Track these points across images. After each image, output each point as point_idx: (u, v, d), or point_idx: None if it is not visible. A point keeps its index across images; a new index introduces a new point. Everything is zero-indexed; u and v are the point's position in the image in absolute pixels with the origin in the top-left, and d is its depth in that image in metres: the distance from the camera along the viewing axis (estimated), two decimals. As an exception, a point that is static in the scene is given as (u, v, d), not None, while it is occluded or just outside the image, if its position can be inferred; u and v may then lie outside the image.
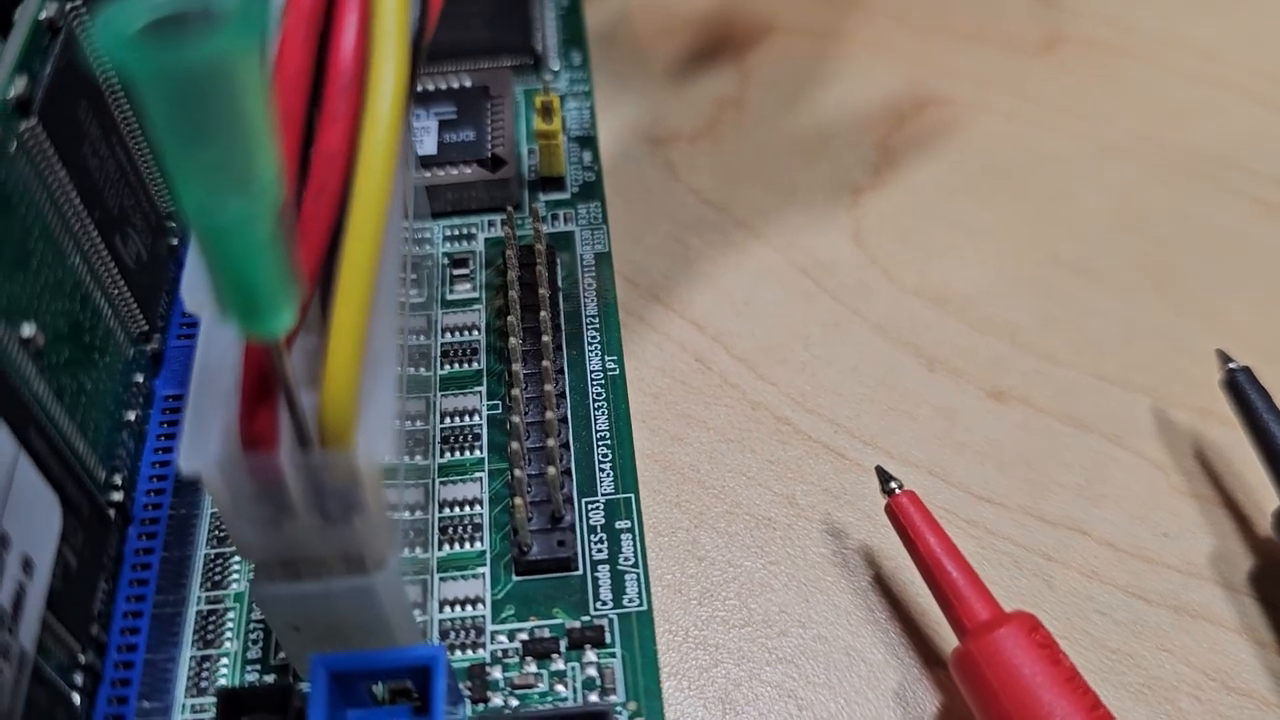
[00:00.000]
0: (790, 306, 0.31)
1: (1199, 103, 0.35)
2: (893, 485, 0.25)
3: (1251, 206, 0.33)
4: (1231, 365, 0.26)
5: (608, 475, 0.27)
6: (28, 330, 0.21)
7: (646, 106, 0.35)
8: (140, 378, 0.26)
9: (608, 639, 0.24)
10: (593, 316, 0.29)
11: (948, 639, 0.25)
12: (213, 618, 0.25)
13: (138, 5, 0.14)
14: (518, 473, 0.25)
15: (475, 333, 0.29)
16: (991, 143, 0.34)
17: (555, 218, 0.31)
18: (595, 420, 0.27)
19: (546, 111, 0.30)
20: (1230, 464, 0.27)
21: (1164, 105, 0.35)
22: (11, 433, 0.20)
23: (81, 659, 0.22)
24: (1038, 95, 0.36)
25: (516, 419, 0.26)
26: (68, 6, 0.24)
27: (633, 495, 0.26)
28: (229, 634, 0.25)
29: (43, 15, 0.23)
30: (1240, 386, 0.26)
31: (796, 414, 0.29)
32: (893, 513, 0.25)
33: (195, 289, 0.22)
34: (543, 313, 0.27)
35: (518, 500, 0.24)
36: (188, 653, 0.24)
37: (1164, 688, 0.25)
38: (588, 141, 0.33)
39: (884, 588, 0.26)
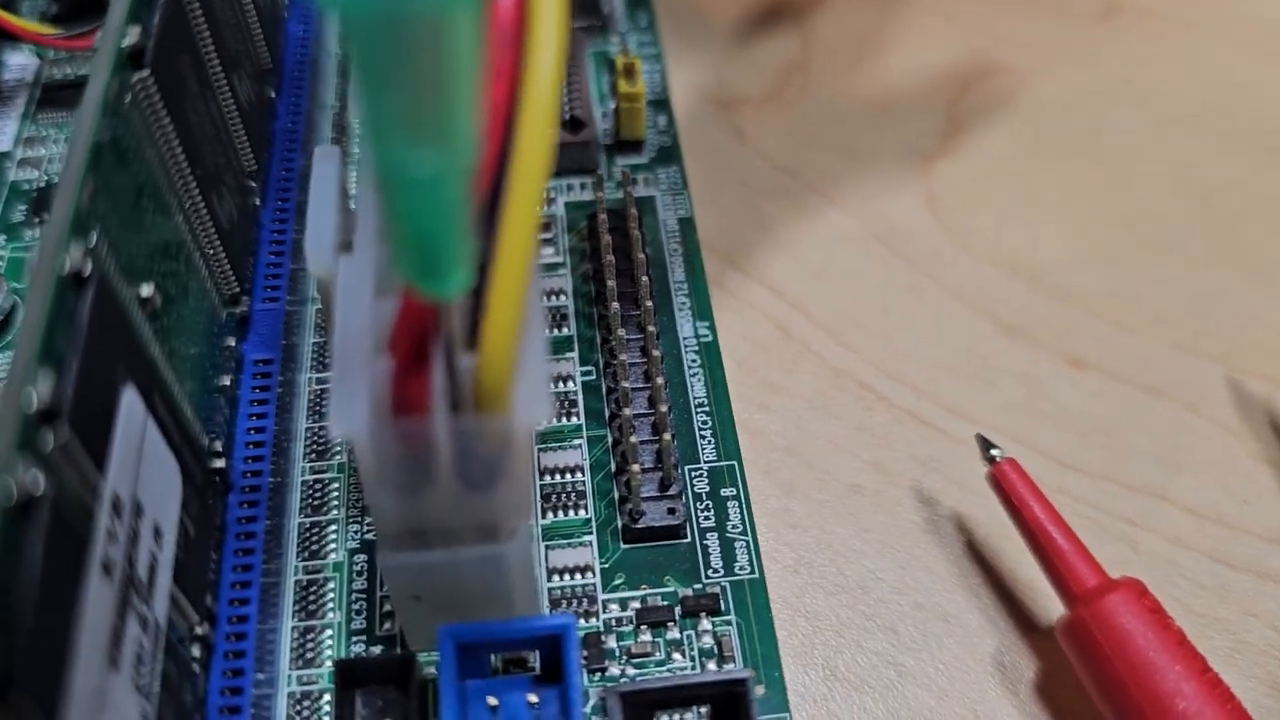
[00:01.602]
0: (867, 273, 0.31)
1: (1259, 73, 0.35)
2: (994, 453, 0.25)
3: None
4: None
5: (709, 442, 0.26)
6: (146, 290, 0.21)
7: (713, 70, 0.35)
8: (232, 341, 0.26)
9: (722, 607, 0.24)
10: (680, 282, 0.29)
11: (1044, 606, 0.25)
12: (313, 588, 0.24)
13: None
14: (632, 439, 0.24)
15: (563, 297, 0.28)
16: (1055, 111, 0.34)
17: (634, 182, 0.30)
18: (692, 387, 0.27)
19: (629, 73, 0.30)
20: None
21: (1225, 76, 0.35)
22: (141, 396, 0.19)
23: (199, 630, 0.22)
24: (1099, 64, 0.35)
25: (626, 385, 0.25)
26: (171, -45, 0.23)
27: (735, 462, 0.26)
28: (330, 605, 0.24)
29: (148, -36, 0.22)
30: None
31: (879, 380, 0.29)
32: (996, 480, 0.24)
33: (320, 251, 0.21)
34: (642, 277, 0.27)
35: (634, 467, 0.24)
36: (289, 624, 0.24)
37: (1253, 651, 0.25)
38: (661, 105, 0.32)
39: (977, 554, 0.26)
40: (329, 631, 0.24)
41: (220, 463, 0.24)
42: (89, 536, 0.17)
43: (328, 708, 0.23)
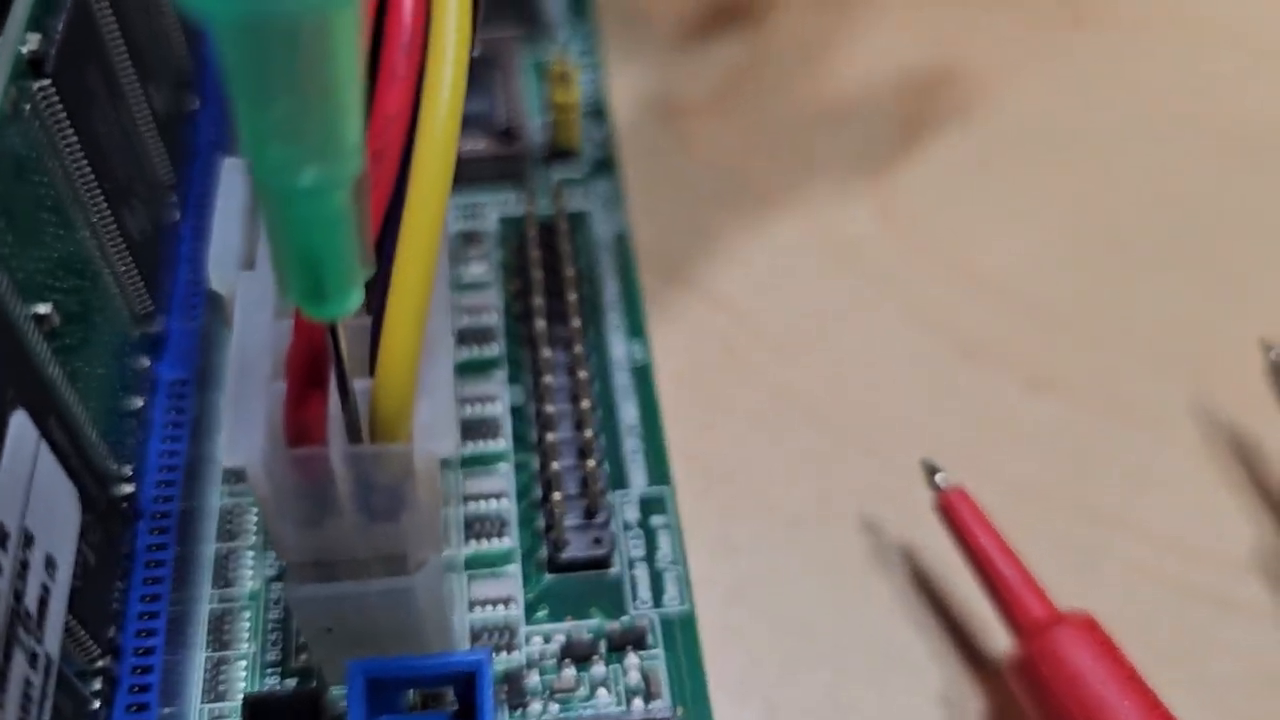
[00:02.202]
0: (817, 287, 0.30)
1: (1225, 83, 0.34)
2: (939, 479, 0.24)
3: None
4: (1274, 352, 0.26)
5: (639, 468, 0.25)
6: (42, 308, 0.20)
7: (657, 77, 0.34)
8: (146, 361, 0.25)
9: (649, 640, 0.23)
10: (613, 300, 0.28)
11: (993, 640, 0.24)
12: (227, 618, 0.23)
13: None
14: (555, 466, 0.24)
15: (493, 315, 0.27)
16: (1015, 120, 0.33)
17: (565, 195, 0.29)
18: (623, 410, 0.26)
19: (563, 81, 0.29)
20: (1270, 452, 0.27)
21: (1190, 85, 0.34)
22: (33, 421, 0.19)
23: (100, 664, 0.21)
24: (1061, 73, 0.34)
25: (551, 408, 0.24)
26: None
27: (666, 488, 0.25)
28: (245, 635, 0.23)
29: (52, -32, 0.21)
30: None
31: (825, 402, 0.28)
32: (941, 509, 0.24)
33: (223, 266, 0.21)
34: (570, 295, 0.26)
35: (556, 495, 0.23)
36: (202, 655, 0.23)
37: (1214, 682, 0.24)
38: (599, 114, 0.31)
39: (924, 586, 0.25)
40: (242, 663, 0.23)
41: (129, 488, 0.23)
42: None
43: (237, 748, 0.22)
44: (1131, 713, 0.21)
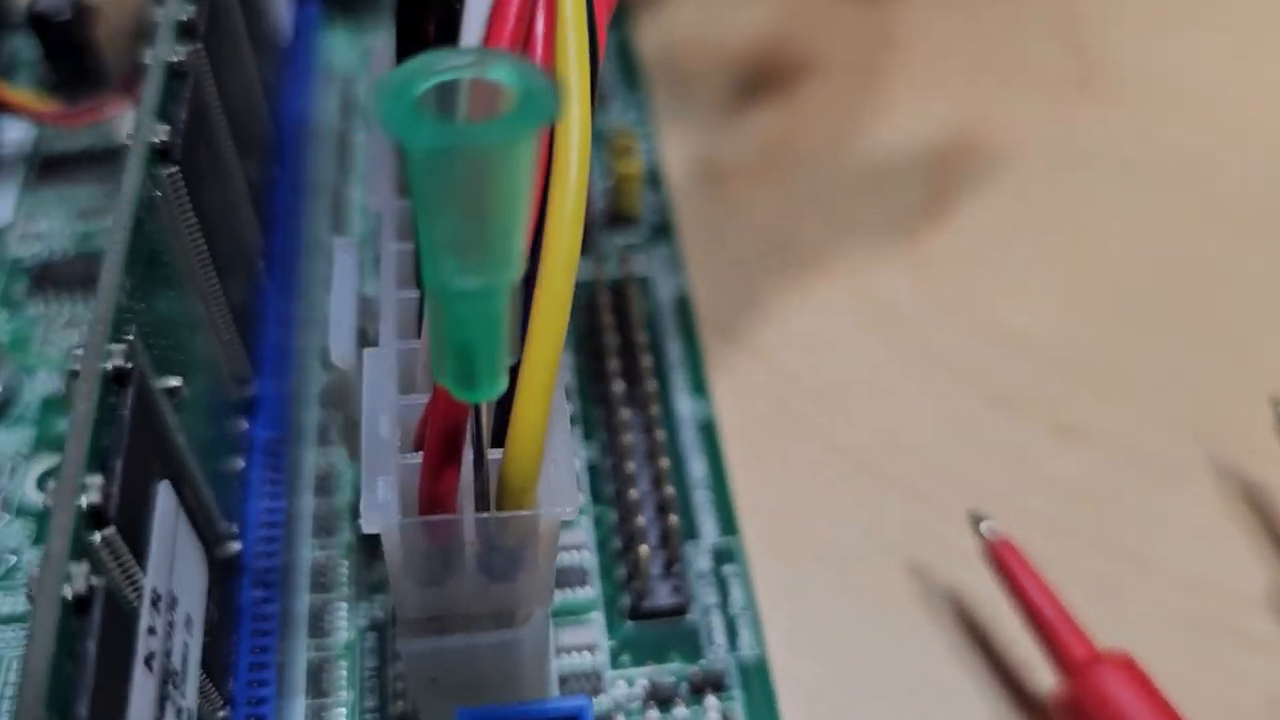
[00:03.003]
0: (856, 343, 0.31)
1: (1230, 150, 0.36)
2: (984, 528, 0.25)
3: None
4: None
5: (710, 518, 0.27)
6: (174, 382, 0.21)
7: (704, 144, 0.36)
8: (244, 423, 0.26)
9: (727, 683, 0.24)
10: (677, 359, 0.29)
11: (1037, 677, 0.26)
12: (325, 667, 0.25)
13: (420, 71, 0.14)
14: (640, 520, 0.25)
15: (567, 374, 0.29)
16: (1035, 183, 0.35)
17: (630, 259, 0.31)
18: (691, 464, 0.28)
19: (626, 153, 0.30)
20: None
21: (1197, 152, 0.36)
22: (174, 489, 0.20)
23: (221, 715, 0.22)
24: (1075, 137, 0.36)
25: (631, 465, 0.26)
26: (193, 48, 0.23)
27: (735, 538, 0.27)
28: (343, 684, 0.24)
29: (173, 58, 0.23)
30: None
31: (871, 451, 0.29)
32: (990, 557, 0.25)
33: (342, 342, 0.22)
34: (642, 358, 0.27)
35: (643, 549, 0.25)
36: (302, 702, 0.24)
37: (1230, 710, 0.25)
38: (654, 181, 0.33)
39: (969, 625, 0.27)
40: (342, 710, 0.24)
41: (236, 546, 0.24)
42: (134, 633, 0.18)
43: (342, 790, 0.23)
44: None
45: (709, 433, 0.28)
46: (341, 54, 0.36)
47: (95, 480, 0.17)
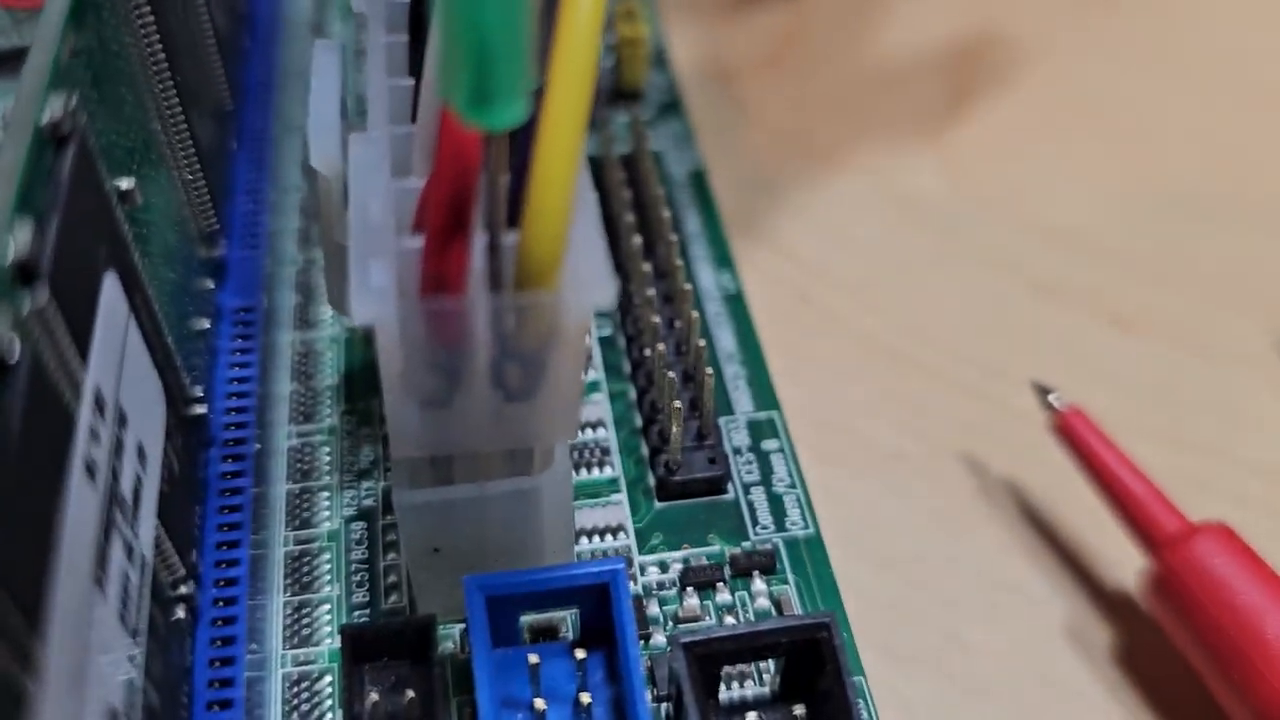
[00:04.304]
0: (885, 237, 0.29)
1: (1261, 42, 0.34)
2: (1052, 399, 0.22)
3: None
4: None
5: (744, 394, 0.24)
6: (125, 183, 0.18)
7: (708, 35, 0.33)
8: (210, 284, 0.23)
9: (778, 566, 0.21)
10: (696, 233, 0.26)
11: (1113, 569, 0.23)
12: (305, 559, 0.21)
13: None
14: (670, 375, 0.22)
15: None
16: (1065, 78, 0.33)
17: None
18: (719, 338, 0.24)
19: (629, 17, 0.27)
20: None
21: (1228, 43, 0.34)
22: (124, 290, 0.17)
23: (184, 590, 0.18)
24: (1102, 34, 0.34)
25: (656, 318, 0.22)
26: None
27: (776, 413, 0.23)
28: (327, 577, 0.21)
29: None
30: None
31: (909, 345, 0.26)
32: (1061, 430, 0.22)
33: (323, 144, 0.19)
34: (662, 212, 0.24)
35: (675, 404, 0.21)
36: (280, 599, 0.21)
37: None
38: (660, 62, 0.30)
39: (1034, 519, 0.24)
40: (325, 606, 0.21)
41: (201, 409, 0.21)
42: (71, 426, 0.14)
43: (329, 690, 0.20)
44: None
45: (737, 304, 0.25)
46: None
47: (24, 226, 0.14)
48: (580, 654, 0.18)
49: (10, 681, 0.12)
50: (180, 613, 0.18)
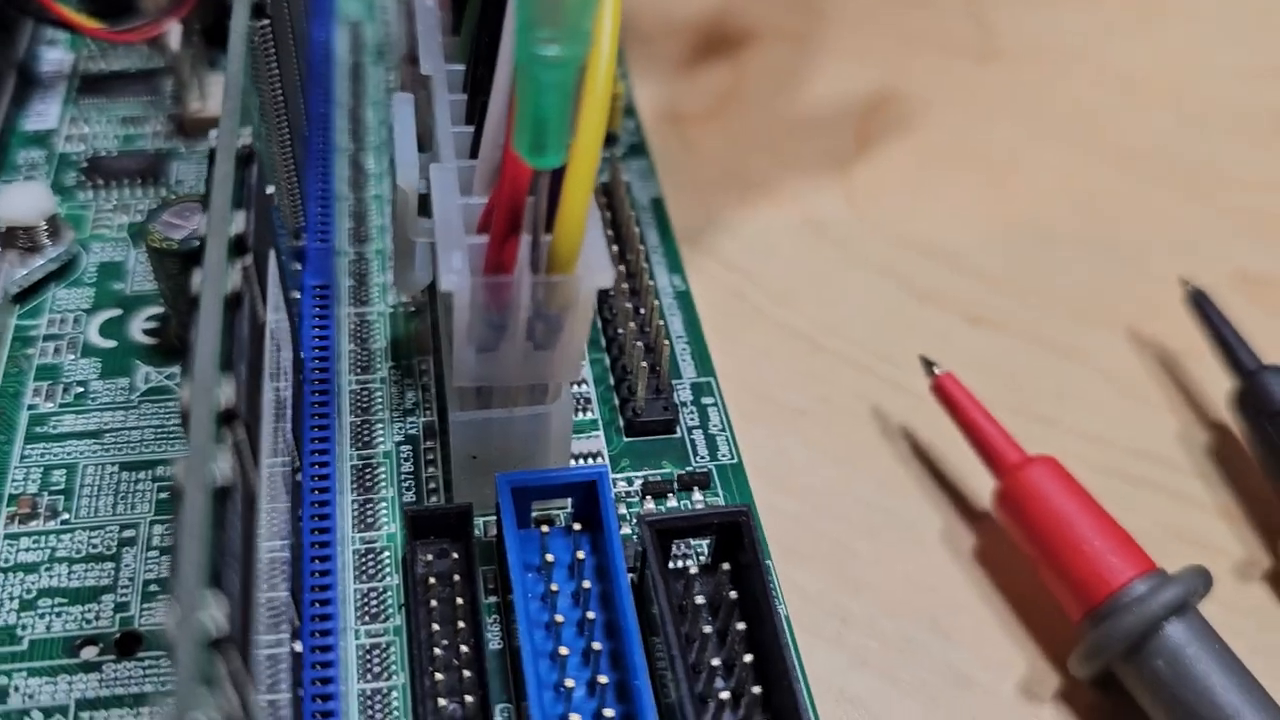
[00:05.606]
0: (802, 253, 0.37)
1: (1113, 107, 0.43)
2: (935, 368, 0.30)
3: (1168, 193, 0.40)
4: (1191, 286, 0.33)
5: (689, 363, 0.32)
6: (270, 189, 0.25)
7: (666, 90, 0.41)
8: (298, 266, 0.30)
9: (711, 483, 0.29)
10: (655, 246, 0.34)
11: (974, 493, 0.31)
12: (367, 470, 0.29)
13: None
14: (638, 345, 0.30)
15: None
16: (949, 131, 0.41)
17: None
18: (670, 321, 0.32)
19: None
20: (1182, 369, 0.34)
21: (1085, 106, 0.43)
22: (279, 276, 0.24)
23: (298, 478, 0.26)
24: (981, 94, 0.43)
25: (628, 305, 0.31)
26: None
27: (712, 379, 0.31)
28: (384, 483, 0.29)
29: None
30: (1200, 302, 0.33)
31: (819, 334, 0.34)
32: (939, 389, 0.30)
33: (407, 173, 0.27)
34: (634, 229, 0.32)
35: (643, 364, 0.29)
36: (349, 498, 0.28)
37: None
38: (629, 111, 0.38)
39: (911, 460, 0.32)
40: (384, 504, 0.28)
41: (301, 354, 0.28)
42: (262, 344, 0.22)
43: (387, 560, 0.27)
44: (1093, 526, 0.27)
45: (686, 299, 0.33)
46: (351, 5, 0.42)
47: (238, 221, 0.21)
48: (577, 527, 0.26)
49: (249, 488, 0.20)
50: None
